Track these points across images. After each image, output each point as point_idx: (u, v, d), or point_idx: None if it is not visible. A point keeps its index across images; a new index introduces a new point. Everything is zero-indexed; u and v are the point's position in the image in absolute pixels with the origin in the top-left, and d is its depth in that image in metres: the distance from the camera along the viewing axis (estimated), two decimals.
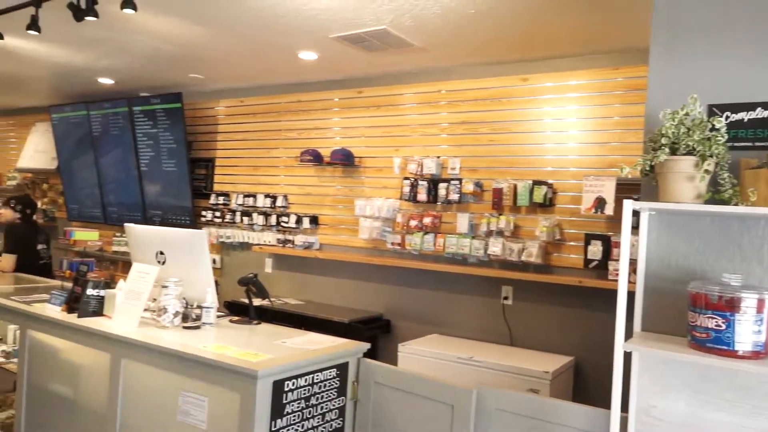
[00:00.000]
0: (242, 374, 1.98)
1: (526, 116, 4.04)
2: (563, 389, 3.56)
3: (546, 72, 3.98)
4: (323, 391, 2.21)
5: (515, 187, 3.97)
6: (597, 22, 3.28)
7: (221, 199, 5.54)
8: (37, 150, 7.30)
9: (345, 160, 4.72)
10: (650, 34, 2.10)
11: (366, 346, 2.44)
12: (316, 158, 4.87)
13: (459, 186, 4.18)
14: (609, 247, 3.63)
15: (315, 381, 2.17)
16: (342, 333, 3.04)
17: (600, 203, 3.57)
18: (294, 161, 5.10)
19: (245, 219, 5.35)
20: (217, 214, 5.54)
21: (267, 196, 5.24)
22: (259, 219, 5.26)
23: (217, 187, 5.69)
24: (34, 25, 3.42)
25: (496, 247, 3.95)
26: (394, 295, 4.56)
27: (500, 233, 4.01)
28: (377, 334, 4.41)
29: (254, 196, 5.32)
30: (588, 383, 3.72)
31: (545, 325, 3.91)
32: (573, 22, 3.31)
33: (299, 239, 4.98)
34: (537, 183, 3.89)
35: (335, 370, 2.26)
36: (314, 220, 4.98)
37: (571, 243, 3.83)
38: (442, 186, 4.26)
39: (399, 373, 2.33)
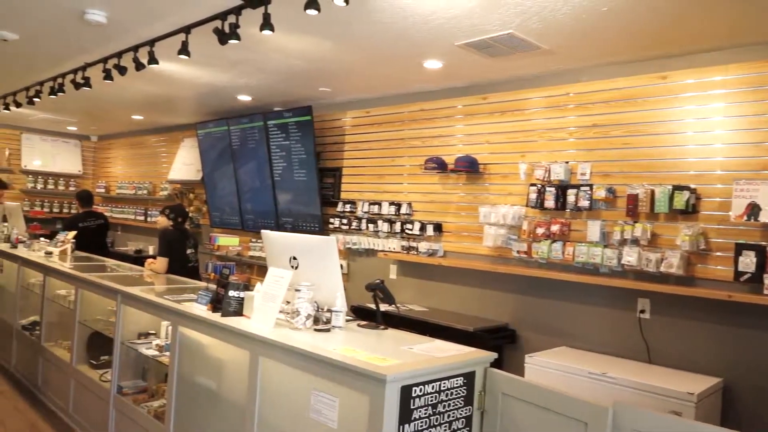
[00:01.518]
0: (371, 378, 2.02)
1: (664, 116, 3.77)
2: (710, 414, 3.25)
3: (687, 68, 3.69)
4: (450, 399, 2.20)
5: (652, 192, 3.71)
6: (748, 11, 2.99)
7: (348, 207, 5.73)
8: (184, 163, 8.03)
9: (469, 167, 4.69)
10: None
11: (493, 355, 2.39)
12: (440, 166, 4.88)
13: (589, 192, 3.99)
14: (765, 258, 3.27)
15: (442, 388, 2.16)
16: (466, 341, 3.00)
17: (753, 209, 3.23)
18: (418, 169, 5.16)
19: (371, 226, 5.49)
20: (344, 221, 5.73)
21: (392, 203, 5.34)
22: (384, 226, 5.37)
23: (344, 195, 5.89)
24: (184, 50, 3.77)
25: (631, 257, 3.72)
26: (520, 305, 4.44)
27: (635, 242, 3.76)
28: (502, 344, 4.32)
29: (379, 203, 5.45)
30: (739, 408, 3.38)
31: (688, 343, 3.61)
32: (720, 13, 3.04)
33: (423, 246, 5.02)
34: (678, 188, 3.61)
35: (462, 378, 2.24)
36: (438, 227, 4.99)
37: (718, 253, 3.50)
38: (571, 192, 4.09)
39: (528, 386, 2.26)
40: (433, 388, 2.13)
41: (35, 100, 6.05)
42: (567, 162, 4.19)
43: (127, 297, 3.72)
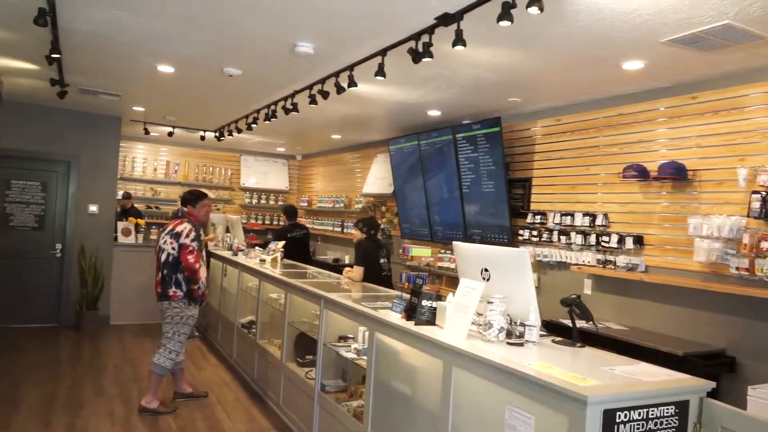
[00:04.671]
0: (570, 397, 1.93)
1: None
2: None
3: None
4: (659, 429, 2.01)
5: None
6: None
7: (538, 218, 5.57)
8: (377, 177, 8.47)
9: (675, 174, 4.28)
10: None
11: (711, 384, 2.14)
12: (640, 173, 4.53)
13: None
14: None
15: (650, 416, 1.99)
16: (674, 366, 2.73)
17: None
18: (615, 178, 4.84)
19: (563, 238, 5.27)
20: (534, 233, 5.58)
21: (585, 214, 5.07)
22: (577, 238, 5.12)
23: (533, 206, 5.74)
24: (380, 71, 3.99)
25: None
26: (740, 329, 3.92)
27: None
28: (719, 372, 3.84)
29: (572, 214, 5.21)
30: None
31: None
32: None
33: (621, 260, 4.68)
34: None
35: (673, 407, 2.04)
36: (638, 240, 4.62)
37: None
38: None
39: (756, 422, 1.98)
40: (639, 414, 1.97)
41: (252, 126, 6.86)
42: None
43: (329, 302, 4.02)
